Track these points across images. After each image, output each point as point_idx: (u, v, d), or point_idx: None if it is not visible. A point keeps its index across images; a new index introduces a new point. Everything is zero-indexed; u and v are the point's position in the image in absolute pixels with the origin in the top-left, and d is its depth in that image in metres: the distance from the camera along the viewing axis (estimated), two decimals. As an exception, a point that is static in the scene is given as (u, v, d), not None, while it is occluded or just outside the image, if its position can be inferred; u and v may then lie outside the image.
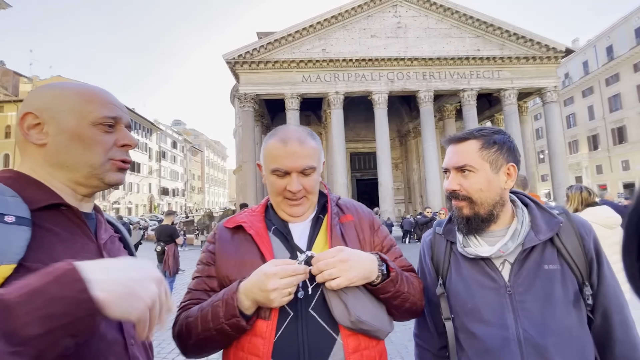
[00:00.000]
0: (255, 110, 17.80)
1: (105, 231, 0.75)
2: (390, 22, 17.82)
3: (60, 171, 0.68)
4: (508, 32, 17.61)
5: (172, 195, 47.32)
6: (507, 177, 0.92)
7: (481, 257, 0.91)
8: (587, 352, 0.84)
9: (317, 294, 0.83)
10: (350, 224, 0.96)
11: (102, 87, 0.74)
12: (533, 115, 39.29)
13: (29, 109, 0.66)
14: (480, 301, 0.90)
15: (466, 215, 0.93)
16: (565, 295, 0.85)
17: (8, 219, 0.56)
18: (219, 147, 77.67)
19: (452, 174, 0.95)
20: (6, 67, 29.69)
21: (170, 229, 6.14)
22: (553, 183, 18.01)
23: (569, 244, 0.88)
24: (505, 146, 0.93)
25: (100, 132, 0.69)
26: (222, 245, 0.93)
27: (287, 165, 0.88)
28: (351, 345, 0.80)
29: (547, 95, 17.88)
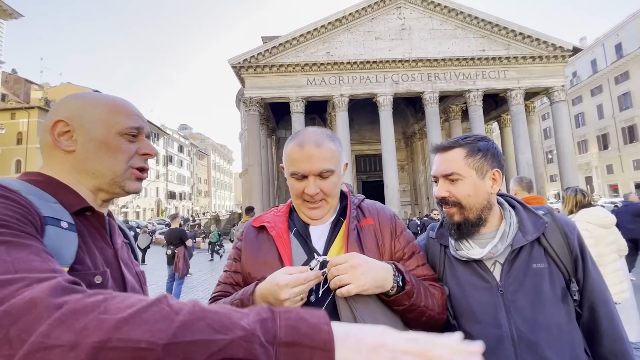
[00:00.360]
0: (260, 113, 17.91)
1: (118, 235, 0.77)
2: (394, 24, 17.83)
3: (86, 177, 0.71)
4: (514, 31, 17.48)
5: (179, 199, 47.73)
6: (492, 182, 0.97)
7: (473, 259, 0.95)
8: (576, 345, 0.88)
9: (329, 299, 0.82)
10: (369, 228, 0.94)
11: (125, 99, 0.77)
12: (541, 115, 38.84)
13: (60, 117, 0.69)
14: (474, 302, 0.94)
15: (457, 221, 0.97)
16: (553, 292, 0.89)
17: (63, 224, 0.59)
18: (225, 151, 78.23)
19: (440, 181, 0.99)
20: (18, 75, 30.37)
21: (180, 231, 6.34)
22: (562, 183, 17.73)
23: (555, 242, 0.93)
24: (489, 153, 0.97)
25: (125, 141, 0.73)
26: (247, 244, 0.97)
27: (304, 168, 0.88)
28: None
29: (555, 94, 17.67)
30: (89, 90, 22.40)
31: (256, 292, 0.81)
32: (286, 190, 23.93)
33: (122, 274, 0.70)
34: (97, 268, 0.64)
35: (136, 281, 0.76)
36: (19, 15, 19.89)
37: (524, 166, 17.25)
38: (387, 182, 16.99)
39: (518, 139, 17.37)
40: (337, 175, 0.93)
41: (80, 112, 0.70)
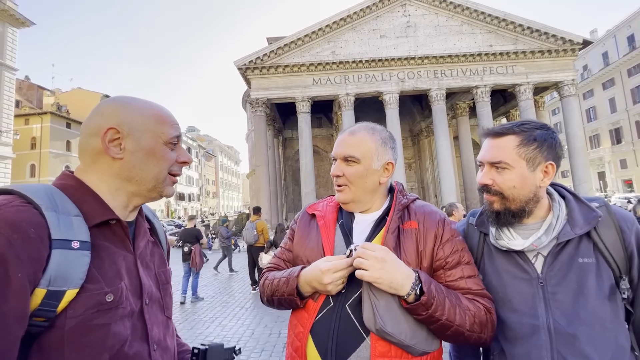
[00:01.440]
0: (266, 114, 18.00)
1: (143, 237, 0.78)
2: (399, 21, 17.73)
3: (129, 184, 0.73)
4: (521, 26, 17.21)
5: (188, 200, 48.28)
6: (544, 174, 0.90)
7: (514, 250, 0.91)
8: (620, 343, 0.84)
9: (356, 293, 0.86)
10: (411, 231, 0.92)
11: (164, 107, 0.79)
12: (551, 110, 38.12)
13: (111, 124, 0.70)
14: (511, 291, 0.91)
15: (496, 210, 0.93)
16: (599, 288, 0.84)
17: (74, 245, 0.59)
18: (232, 152, 78.77)
19: (485, 168, 0.94)
20: (31, 82, 31.10)
21: (195, 231, 6.97)
22: (573, 179, 17.41)
23: (607, 237, 0.87)
24: (547, 143, 0.90)
25: (169, 150, 0.76)
26: (300, 227, 1.06)
27: (335, 151, 0.98)
28: (379, 349, 0.81)
29: (565, 89, 17.34)
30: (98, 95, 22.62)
31: (301, 276, 0.91)
32: (293, 190, 24.00)
33: (139, 280, 0.72)
34: (111, 284, 0.64)
35: (154, 283, 0.77)
36: (31, 23, 20.37)
37: (533, 162, 16.99)
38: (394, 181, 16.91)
39: (527, 135, 17.10)
40: (365, 167, 0.94)
41: (130, 120, 0.71)
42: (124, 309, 0.65)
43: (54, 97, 30.52)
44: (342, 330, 0.84)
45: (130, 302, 0.67)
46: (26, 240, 0.54)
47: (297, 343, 0.90)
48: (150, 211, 0.90)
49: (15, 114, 21.70)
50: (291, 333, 0.95)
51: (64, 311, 0.57)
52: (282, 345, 4.21)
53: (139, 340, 0.68)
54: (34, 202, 0.59)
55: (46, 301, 0.55)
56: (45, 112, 26.36)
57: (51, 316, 0.56)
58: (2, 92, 18.85)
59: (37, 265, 0.55)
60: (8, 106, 19.27)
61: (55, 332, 0.57)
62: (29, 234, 0.55)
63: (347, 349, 0.83)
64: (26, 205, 0.59)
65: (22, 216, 0.56)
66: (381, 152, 0.96)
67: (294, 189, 23.83)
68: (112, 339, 0.61)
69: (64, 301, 0.57)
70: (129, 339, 0.65)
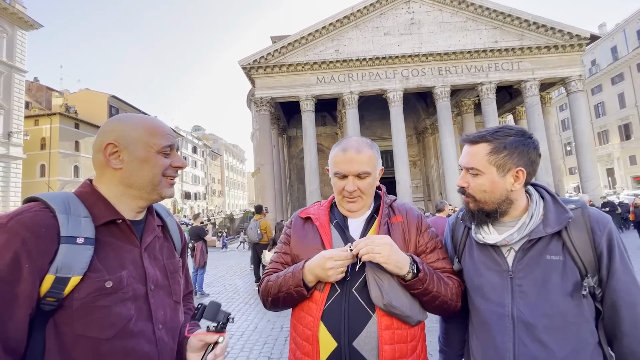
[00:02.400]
0: (271, 113, 18.11)
1: (151, 233, 0.90)
2: (403, 18, 17.66)
3: (130, 190, 0.84)
4: (527, 21, 17.02)
5: (194, 199, 48.72)
6: (514, 180, 0.96)
7: (490, 244, 1.00)
8: (583, 337, 0.90)
9: (360, 279, 1.00)
10: (398, 224, 1.10)
11: (158, 119, 0.92)
12: (558, 106, 37.62)
13: (110, 140, 0.83)
14: (484, 280, 1.00)
15: (471, 209, 1.03)
16: (563, 284, 0.90)
17: (79, 240, 0.73)
18: (237, 151, 79.17)
19: (463, 172, 1.03)
20: (40, 83, 31.63)
21: (198, 229, 7.28)
22: (581, 176, 17.22)
23: (577, 238, 0.92)
24: (517, 150, 0.95)
25: (162, 157, 0.86)
26: (295, 230, 1.17)
27: (345, 169, 1.08)
28: (384, 323, 0.97)
29: (572, 84, 17.13)
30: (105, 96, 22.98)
31: (305, 267, 1.01)
32: (298, 188, 24.11)
33: (144, 269, 0.82)
34: (113, 272, 0.75)
35: (161, 272, 0.87)
36: (39, 25, 20.71)
37: (540, 159, 16.83)
38: (399, 179, 16.91)
39: (534, 132, 16.89)
40: (373, 177, 1.10)
41: (125, 134, 0.83)
42: (125, 294, 0.76)
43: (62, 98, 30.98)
44: (352, 312, 0.97)
45: (133, 288, 0.79)
46: (37, 238, 0.69)
47: (307, 332, 1.00)
48: (165, 210, 1.03)
49: (25, 115, 22.10)
50: (298, 325, 1.04)
51: (70, 294, 0.70)
52: (284, 339, 4.32)
53: (144, 320, 0.80)
54: (51, 207, 0.74)
55: (55, 285, 0.69)
56: (54, 113, 26.78)
57: (60, 297, 0.69)
58: (12, 93, 19.24)
59: (45, 257, 0.69)
60: (18, 107, 19.67)
61: (65, 311, 0.70)
62: (39, 233, 0.69)
63: (357, 327, 0.96)
64: (43, 209, 0.74)
65: (36, 219, 0.71)
66: (378, 162, 1.13)
67: (298, 187, 23.94)
68: (114, 318, 0.73)
69: (70, 286, 0.70)
70: (134, 318, 0.77)
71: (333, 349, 0.95)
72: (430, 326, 2.67)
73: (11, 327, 0.64)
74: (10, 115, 19.10)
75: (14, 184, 19.24)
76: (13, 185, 19.18)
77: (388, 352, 0.94)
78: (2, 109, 18.64)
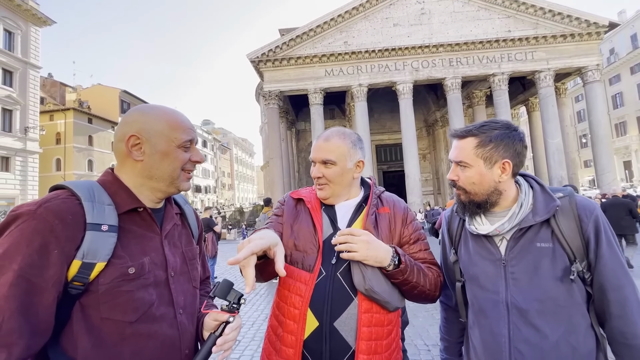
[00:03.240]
0: (279, 107, 18.12)
1: (170, 221, 0.93)
2: (413, 8, 17.32)
3: (150, 181, 0.86)
4: (542, 9, 16.50)
5: (204, 192, 49.40)
6: (501, 171, 1.00)
7: (483, 234, 1.03)
8: (575, 320, 0.94)
9: (345, 263, 1.04)
10: (385, 215, 1.14)
11: (181, 113, 0.92)
12: (574, 97, 36.55)
13: (132, 132, 0.84)
14: (479, 270, 1.04)
15: (462, 201, 1.07)
16: (553, 270, 0.94)
17: (103, 227, 0.75)
18: (247, 145, 79.61)
19: (453, 166, 1.08)
20: (54, 79, 32.29)
21: (208, 220, 7.67)
22: (596, 169, 16.79)
23: (565, 225, 0.96)
24: (503, 143, 1.00)
25: (182, 151, 0.88)
26: (288, 208, 1.20)
27: (312, 156, 1.15)
28: (364, 306, 1.02)
29: (589, 74, 16.60)
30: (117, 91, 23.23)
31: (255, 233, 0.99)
32: (307, 182, 24.18)
33: (164, 256, 0.85)
34: (135, 259, 0.78)
35: (181, 259, 0.91)
36: (52, 22, 21.06)
37: (553, 152, 16.47)
38: (408, 172, 16.80)
39: (547, 123, 16.56)
40: (341, 167, 1.11)
41: (147, 127, 0.85)
42: (147, 280, 0.79)
43: (75, 93, 31.58)
44: (335, 294, 1.03)
45: (155, 274, 0.82)
46: (65, 225, 0.71)
47: (294, 312, 1.03)
48: (182, 198, 1.05)
49: (41, 111, 22.64)
50: (282, 305, 1.07)
51: (96, 279, 0.73)
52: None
53: (166, 305, 0.83)
54: (77, 194, 0.77)
55: (81, 270, 0.72)
56: (68, 108, 27.33)
57: (86, 282, 0.73)
58: (28, 89, 19.72)
59: (72, 243, 0.72)
60: (34, 103, 20.16)
61: (91, 295, 0.74)
62: (67, 220, 0.72)
63: (339, 308, 1.02)
64: (70, 197, 0.76)
65: (64, 206, 0.73)
66: (352, 154, 1.14)
67: (307, 181, 24.01)
68: (137, 302, 0.77)
69: (95, 271, 0.73)
70: (155, 303, 0.80)
71: (315, 327, 1.01)
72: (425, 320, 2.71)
73: (41, 310, 0.67)
74: (26, 111, 19.60)
75: (31, 177, 19.84)
76: (31, 179, 19.78)
77: (365, 334, 1.00)
78: (18, 104, 19.14)
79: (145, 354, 0.77)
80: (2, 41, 18.41)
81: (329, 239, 1.07)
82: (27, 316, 0.64)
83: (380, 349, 1.02)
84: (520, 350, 0.94)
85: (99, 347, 0.72)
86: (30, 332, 0.65)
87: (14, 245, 0.66)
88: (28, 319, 0.64)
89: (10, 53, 18.77)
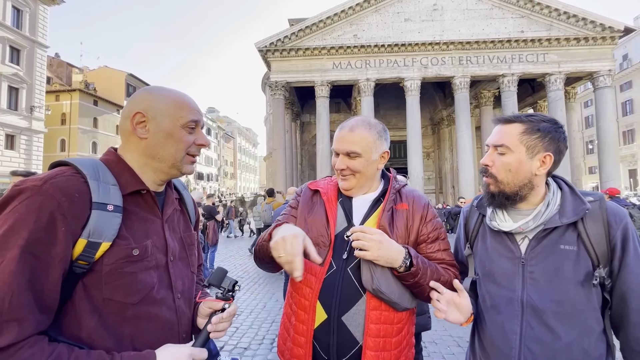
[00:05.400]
0: (285, 98, 18.03)
1: (170, 205, 0.92)
2: (425, 4, 17.05)
3: (153, 161, 0.85)
4: (557, 10, 16.20)
5: (206, 180, 49.55)
6: (541, 164, 0.98)
7: (504, 231, 1.01)
8: (590, 324, 0.94)
9: (356, 260, 1.03)
10: (403, 211, 1.10)
11: (187, 94, 0.90)
12: (583, 102, 36.10)
13: (138, 109, 0.83)
14: (496, 267, 1.03)
15: (491, 191, 1.03)
16: (575, 273, 0.93)
17: (109, 207, 0.75)
18: (251, 134, 79.48)
19: (490, 150, 1.04)
20: (61, 59, 32.20)
21: (210, 208, 7.57)
22: (601, 175, 16.67)
23: (592, 229, 0.94)
24: (549, 135, 0.97)
25: (186, 133, 0.86)
26: (304, 199, 1.19)
27: (336, 147, 1.10)
28: (372, 304, 1.01)
29: (600, 79, 16.36)
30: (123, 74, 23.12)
31: (275, 229, 1.03)
32: (309, 175, 24.17)
33: (165, 240, 0.85)
34: (139, 241, 0.78)
35: (179, 244, 0.91)
36: (61, 1, 20.92)
37: (559, 156, 16.33)
38: (411, 169, 16.74)
39: (554, 128, 16.37)
40: (366, 159, 1.08)
41: (154, 105, 0.84)
42: (149, 262, 0.79)
43: (82, 74, 31.51)
44: (345, 289, 1.02)
45: (156, 258, 0.82)
46: (71, 203, 0.70)
47: (304, 302, 1.05)
48: (181, 184, 1.04)
49: (47, 90, 22.65)
50: (295, 295, 1.09)
51: (100, 259, 0.73)
52: (292, 320, 4.46)
53: (165, 288, 0.84)
54: (82, 172, 0.75)
55: (87, 249, 0.71)
56: (74, 89, 27.30)
57: (91, 261, 0.72)
58: (34, 68, 19.69)
59: (78, 221, 0.71)
60: (40, 82, 20.15)
61: (95, 275, 0.73)
62: (74, 198, 0.71)
63: (348, 303, 1.02)
64: (75, 175, 0.74)
65: (70, 184, 0.72)
66: (378, 145, 1.10)
67: (309, 174, 24.01)
68: (140, 285, 0.77)
69: (100, 251, 0.72)
70: (156, 287, 0.80)
71: (323, 320, 1.01)
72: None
73: (47, 287, 0.66)
74: (32, 90, 19.60)
75: (35, 157, 19.94)
76: (35, 158, 19.88)
77: (373, 330, 0.99)
78: (24, 83, 19.14)
79: (145, 337, 0.77)
80: (10, 18, 18.32)
81: (341, 233, 1.06)
82: (35, 292, 0.64)
83: (389, 346, 1.00)
84: (531, 349, 0.94)
85: (100, 327, 0.72)
86: (39, 307, 0.64)
87: (20, 221, 0.65)
88: (36, 295, 0.64)
89: (18, 31, 18.70)
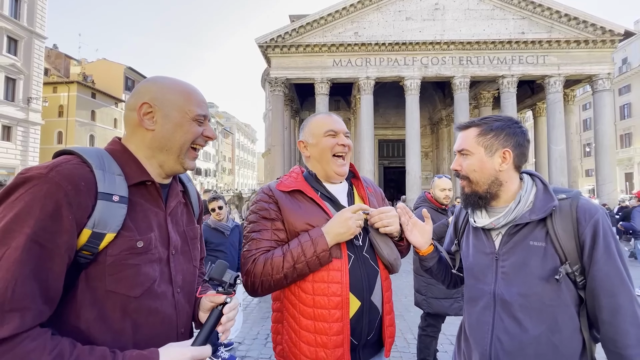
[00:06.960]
0: (285, 94, 17.96)
1: (174, 198, 0.91)
2: (427, 3, 16.99)
3: (159, 153, 0.84)
4: (558, 12, 16.19)
5: (204, 176, 49.42)
6: (502, 160, 1.04)
7: (482, 228, 1.08)
8: (561, 320, 0.95)
9: (366, 243, 1.16)
10: (372, 194, 1.31)
11: (196, 87, 0.90)
12: (581, 105, 36.24)
13: (145, 100, 0.82)
14: (475, 261, 1.11)
15: (466, 193, 1.10)
16: (542, 269, 0.96)
17: (114, 198, 0.73)
18: (249, 131, 79.24)
19: (457, 156, 1.12)
20: (59, 51, 31.88)
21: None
22: (597, 179, 16.76)
23: (560, 226, 0.96)
24: (504, 132, 1.05)
25: (195, 125, 0.86)
26: (286, 205, 1.14)
27: (337, 127, 1.23)
28: (383, 275, 1.17)
29: (599, 82, 16.39)
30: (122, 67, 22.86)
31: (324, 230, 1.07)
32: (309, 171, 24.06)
33: (168, 233, 0.84)
34: (143, 233, 0.77)
35: (182, 237, 0.90)
36: (59, -9, 20.67)
37: (556, 158, 16.41)
38: (409, 169, 16.77)
39: (553, 130, 16.44)
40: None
41: (161, 96, 0.83)
42: (152, 255, 0.78)
43: (80, 66, 31.24)
44: (368, 271, 1.13)
45: (159, 251, 0.81)
46: (78, 192, 0.68)
47: (334, 300, 1.05)
48: (187, 176, 1.03)
49: (44, 82, 22.42)
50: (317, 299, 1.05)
51: (104, 250, 0.72)
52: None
53: (166, 282, 0.83)
54: (88, 161, 0.73)
55: (91, 239, 0.70)
56: (72, 81, 27.03)
57: (95, 252, 0.71)
58: (32, 59, 19.50)
59: (84, 211, 0.69)
60: (38, 74, 19.96)
61: (98, 266, 0.72)
62: (80, 186, 0.69)
63: (372, 283, 1.13)
64: (81, 164, 0.73)
65: (76, 172, 0.70)
66: None
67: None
68: (142, 277, 0.76)
69: (104, 242, 0.71)
70: (157, 280, 0.79)
71: (357, 308, 1.07)
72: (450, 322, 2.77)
73: (51, 277, 0.64)
74: (30, 81, 19.43)
75: (32, 149, 19.81)
76: (31, 150, 19.74)
77: (387, 297, 1.16)
78: (22, 74, 18.96)
79: (145, 330, 0.77)
80: (8, 8, 18.11)
81: None
82: (39, 282, 0.62)
83: (391, 306, 1.19)
84: (500, 339, 1.00)
85: (101, 320, 0.71)
86: (42, 298, 0.62)
87: (26, 209, 0.63)
88: (40, 284, 0.62)
89: (16, 21, 18.49)
